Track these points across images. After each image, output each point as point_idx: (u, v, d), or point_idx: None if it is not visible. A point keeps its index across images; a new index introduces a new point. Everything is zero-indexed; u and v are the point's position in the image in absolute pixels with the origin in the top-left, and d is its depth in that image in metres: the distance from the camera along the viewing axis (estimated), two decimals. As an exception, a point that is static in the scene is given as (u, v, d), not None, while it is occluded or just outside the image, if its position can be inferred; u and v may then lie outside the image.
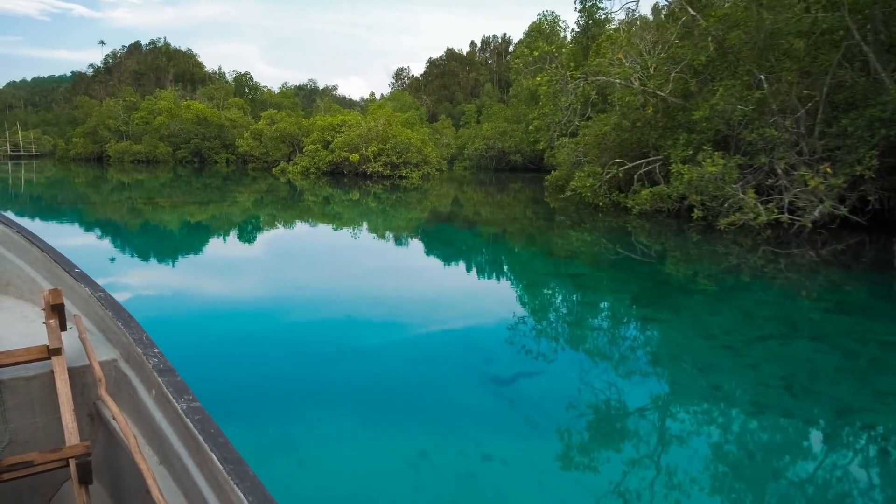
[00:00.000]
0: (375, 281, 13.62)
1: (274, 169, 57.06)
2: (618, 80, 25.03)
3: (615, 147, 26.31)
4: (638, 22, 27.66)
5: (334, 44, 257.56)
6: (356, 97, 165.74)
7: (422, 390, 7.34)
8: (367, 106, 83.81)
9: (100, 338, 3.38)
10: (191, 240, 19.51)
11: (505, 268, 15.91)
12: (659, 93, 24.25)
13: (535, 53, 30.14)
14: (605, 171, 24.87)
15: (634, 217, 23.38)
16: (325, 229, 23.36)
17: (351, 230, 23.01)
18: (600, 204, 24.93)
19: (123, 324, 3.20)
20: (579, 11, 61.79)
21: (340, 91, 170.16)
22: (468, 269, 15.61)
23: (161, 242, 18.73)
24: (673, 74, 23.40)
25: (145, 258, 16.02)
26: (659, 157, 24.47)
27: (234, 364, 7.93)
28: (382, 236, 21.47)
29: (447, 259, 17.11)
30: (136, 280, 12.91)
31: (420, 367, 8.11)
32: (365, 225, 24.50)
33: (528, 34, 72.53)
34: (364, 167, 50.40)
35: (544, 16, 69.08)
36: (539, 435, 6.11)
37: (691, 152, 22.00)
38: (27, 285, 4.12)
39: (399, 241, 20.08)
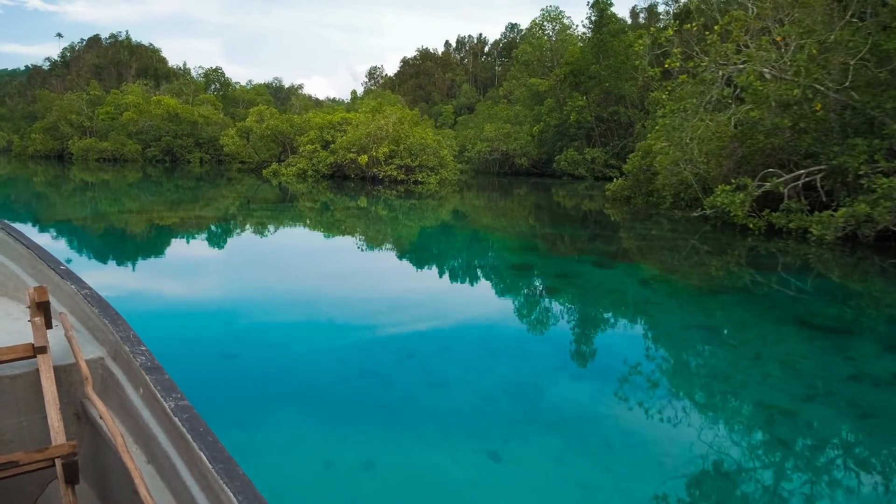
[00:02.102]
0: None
1: (264, 171, 49.98)
2: (766, 70, 19.12)
3: (756, 153, 20.46)
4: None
5: (297, 43, 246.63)
6: (321, 97, 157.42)
7: None
8: (356, 104, 76.77)
9: (86, 336, 3.26)
10: (165, 245, 17.84)
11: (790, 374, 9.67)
12: (819, 87, 18.47)
13: (537, 52, 24.57)
14: (756, 183, 18.96)
15: (796, 244, 17.67)
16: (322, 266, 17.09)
17: (372, 257, 16.81)
18: (751, 226, 19.02)
19: (110, 321, 3.09)
20: (590, 7, 56.04)
21: (305, 90, 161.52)
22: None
23: (132, 249, 17.09)
24: (853, 63, 17.64)
25: (127, 264, 14.82)
26: (821, 167, 18.75)
27: (216, 363, 7.63)
28: (427, 267, 15.41)
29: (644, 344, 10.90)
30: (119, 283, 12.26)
31: None
32: (395, 251, 18.29)
33: (529, 31, 66.50)
34: (374, 170, 43.77)
35: (547, 11, 63.17)
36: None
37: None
38: (12, 283, 4.02)
39: (469, 279, 14.06)
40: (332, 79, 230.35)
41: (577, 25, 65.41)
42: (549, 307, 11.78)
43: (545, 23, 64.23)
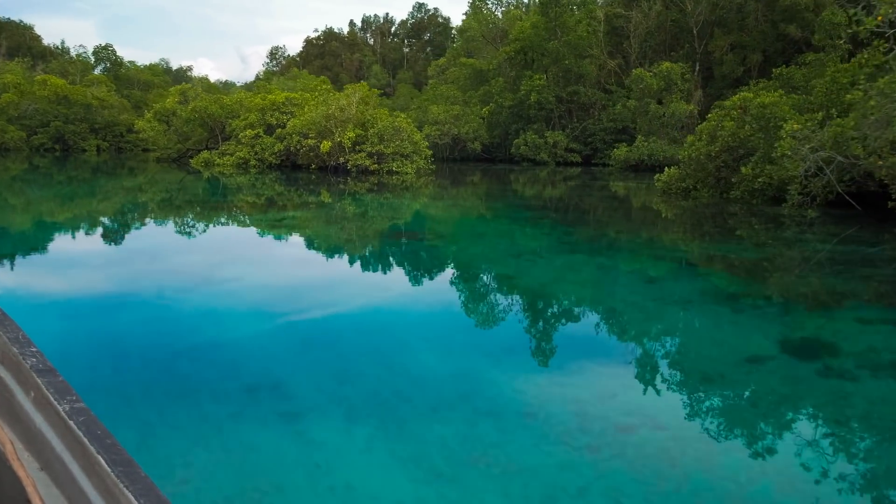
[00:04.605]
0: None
1: (192, 160, 41.06)
2: None
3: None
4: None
5: (181, 23, 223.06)
6: (210, 80, 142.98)
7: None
8: (271, 84, 67.32)
9: None
10: (53, 245, 15.34)
11: None
12: None
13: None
14: None
15: None
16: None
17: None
18: None
19: None
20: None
21: (195, 72, 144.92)
22: None
23: (14, 248, 14.60)
24: None
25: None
26: None
27: (108, 362, 7.33)
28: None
29: None
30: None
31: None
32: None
33: (472, 6, 59.60)
34: (339, 159, 36.02)
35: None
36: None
37: None
38: None
39: None
40: (219, 61, 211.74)
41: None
42: None
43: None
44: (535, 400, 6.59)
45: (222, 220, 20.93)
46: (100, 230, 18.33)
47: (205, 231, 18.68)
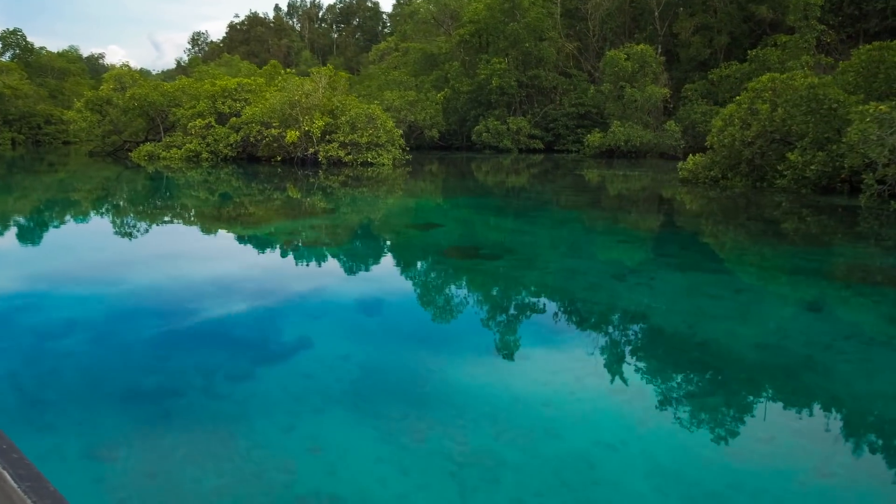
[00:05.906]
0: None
1: (132, 154, 36.17)
2: None
3: None
4: None
5: (89, 9, 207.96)
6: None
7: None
8: (207, 69, 61.74)
9: None
10: None
11: None
12: None
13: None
14: None
15: None
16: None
17: None
18: None
19: None
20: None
21: (108, 60, 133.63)
22: None
23: None
24: None
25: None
26: None
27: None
28: None
29: None
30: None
31: None
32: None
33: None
34: (308, 150, 32.10)
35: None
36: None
37: None
38: None
39: None
40: (131, 49, 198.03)
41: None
42: None
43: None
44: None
45: (174, 221, 17.37)
46: (13, 230, 16.11)
47: (147, 233, 15.32)
